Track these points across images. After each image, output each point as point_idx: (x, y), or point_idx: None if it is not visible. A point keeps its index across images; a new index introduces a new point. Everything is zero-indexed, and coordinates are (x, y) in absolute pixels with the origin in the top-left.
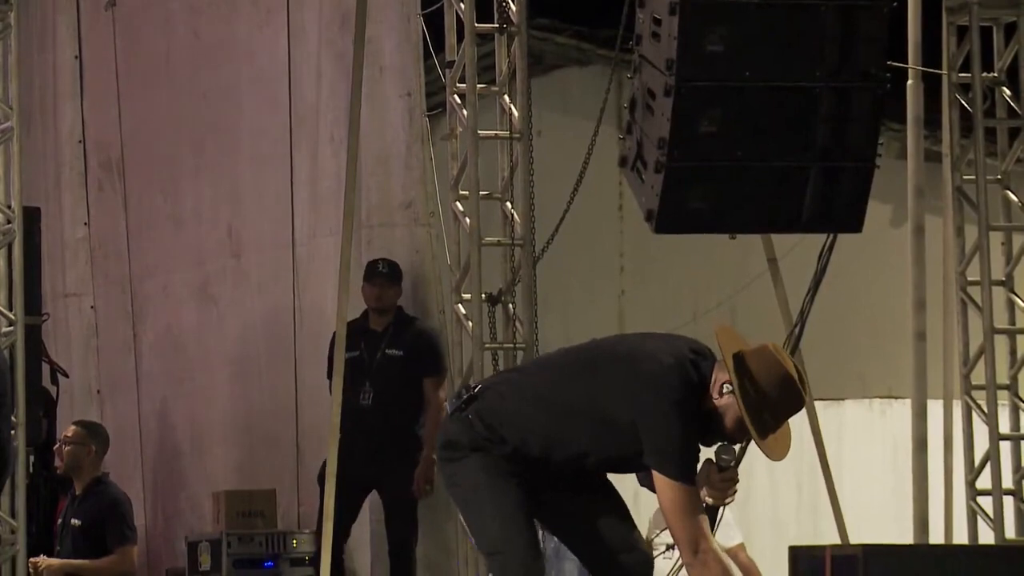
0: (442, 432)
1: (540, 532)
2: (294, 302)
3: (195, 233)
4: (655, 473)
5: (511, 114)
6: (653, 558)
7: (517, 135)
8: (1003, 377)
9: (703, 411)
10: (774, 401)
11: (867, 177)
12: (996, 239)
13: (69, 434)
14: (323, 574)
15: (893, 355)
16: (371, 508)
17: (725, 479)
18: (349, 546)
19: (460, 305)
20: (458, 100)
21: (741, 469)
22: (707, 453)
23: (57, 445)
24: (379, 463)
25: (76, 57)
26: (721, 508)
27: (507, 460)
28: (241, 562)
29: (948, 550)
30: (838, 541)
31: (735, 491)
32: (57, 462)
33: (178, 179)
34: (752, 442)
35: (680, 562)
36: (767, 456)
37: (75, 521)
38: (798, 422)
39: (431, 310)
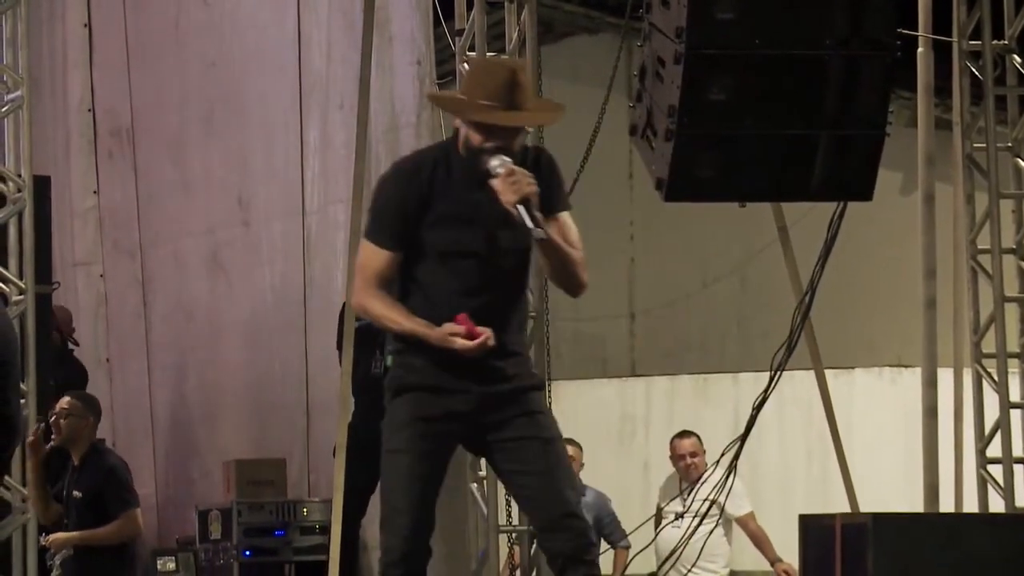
0: None
1: None
2: (304, 271)
3: (205, 201)
4: None
5: None
6: (583, 532)
7: None
8: (1013, 345)
9: (462, 156)
10: (471, 85)
11: (877, 145)
12: (1007, 207)
13: (65, 406)
14: (334, 545)
15: (903, 323)
16: None
17: (505, 180)
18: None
19: None
20: (468, 68)
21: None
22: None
23: (53, 418)
24: None
25: (85, 25)
26: (732, 475)
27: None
28: (252, 531)
29: (958, 518)
30: (848, 510)
31: (526, 183)
32: (53, 433)
33: (187, 147)
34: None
35: (689, 531)
36: (504, 123)
37: (76, 493)
38: (808, 392)
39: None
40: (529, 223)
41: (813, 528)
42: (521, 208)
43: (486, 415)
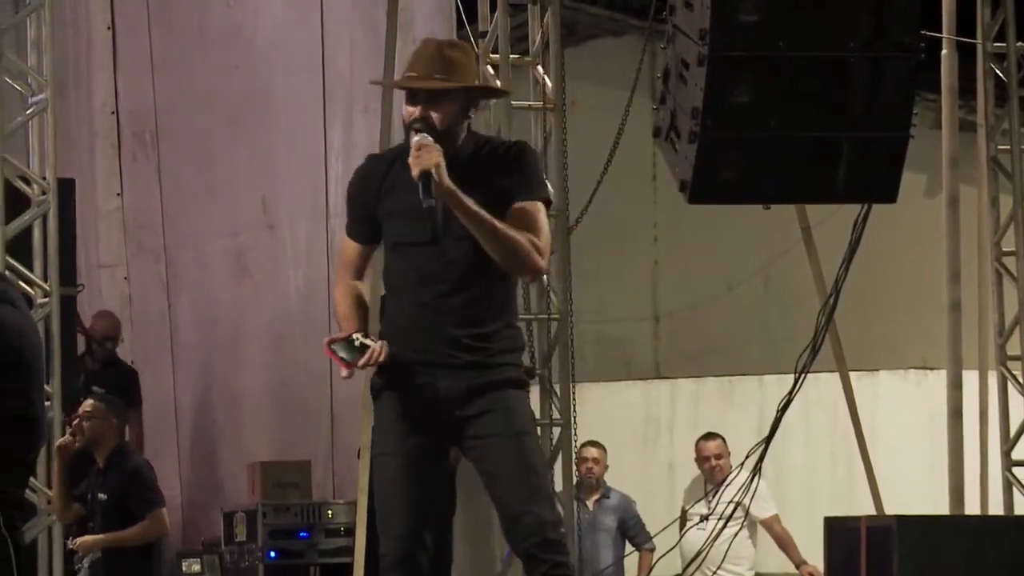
0: None
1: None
2: (328, 273)
3: (229, 204)
4: None
5: (544, 85)
6: (533, 531)
7: (550, 106)
8: None
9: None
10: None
11: (901, 147)
12: None
13: (88, 408)
14: (358, 546)
15: (928, 326)
16: None
17: (413, 154)
18: None
19: None
20: (491, 71)
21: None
22: None
23: (77, 420)
24: None
25: (109, 28)
26: (757, 477)
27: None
28: (276, 532)
29: (983, 521)
30: (873, 512)
31: (428, 155)
32: (76, 437)
33: (211, 150)
34: None
35: (714, 533)
36: (402, 86)
37: (101, 495)
38: (833, 395)
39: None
40: (421, 194)
41: (838, 530)
42: (421, 181)
43: (456, 410)
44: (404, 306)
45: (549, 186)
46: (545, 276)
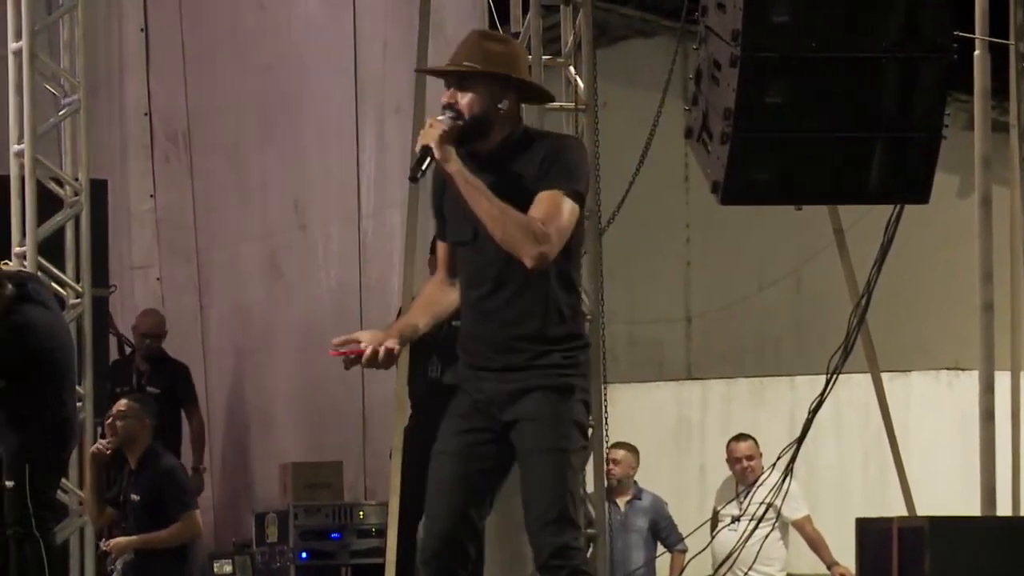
0: None
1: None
2: (360, 275)
3: (261, 205)
4: None
5: (576, 86)
6: (543, 549)
7: (583, 107)
8: None
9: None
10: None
11: (934, 148)
12: None
13: (122, 408)
14: (390, 547)
15: (960, 326)
16: None
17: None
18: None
19: None
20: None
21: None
22: None
23: (110, 420)
24: None
25: (142, 30)
26: (789, 478)
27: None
28: (308, 533)
29: (1016, 522)
30: (905, 513)
31: (427, 131)
32: (109, 437)
33: (244, 151)
34: None
35: (746, 534)
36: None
37: (134, 496)
38: (865, 396)
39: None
40: (410, 168)
41: (870, 531)
42: (419, 155)
43: (498, 415)
44: (464, 308)
45: (583, 182)
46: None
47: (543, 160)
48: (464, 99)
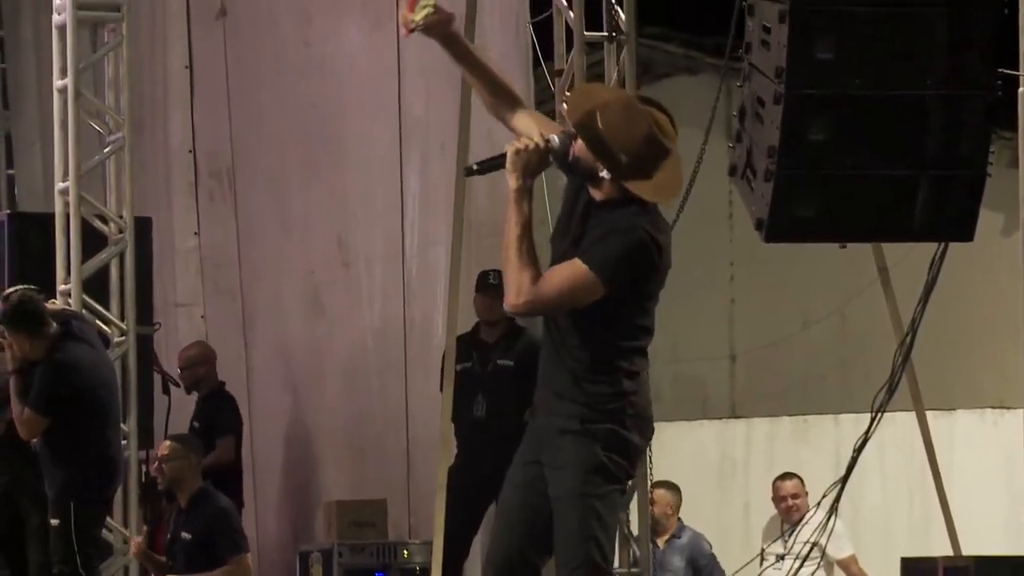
0: None
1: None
2: (404, 313)
3: (305, 243)
4: None
5: None
6: None
7: None
8: None
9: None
10: (622, 141)
11: (978, 186)
12: None
13: (165, 451)
14: None
15: (1005, 365)
16: (486, 519)
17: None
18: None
19: None
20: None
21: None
22: None
23: (156, 463)
24: (496, 474)
25: (186, 67)
26: (834, 517)
27: None
28: (352, 572)
29: None
30: (950, 553)
31: (524, 142)
32: (158, 479)
33: (287, 188)
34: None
35: (791, 573)
36: (644, 196)
37: (185, 535)
38: (909, 434)
39: (541, 320)
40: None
41: (915, 571)
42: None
43: (538, 453)
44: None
45: (610, 267)
46: None
47: (598, 231)
48: (578, 144)
